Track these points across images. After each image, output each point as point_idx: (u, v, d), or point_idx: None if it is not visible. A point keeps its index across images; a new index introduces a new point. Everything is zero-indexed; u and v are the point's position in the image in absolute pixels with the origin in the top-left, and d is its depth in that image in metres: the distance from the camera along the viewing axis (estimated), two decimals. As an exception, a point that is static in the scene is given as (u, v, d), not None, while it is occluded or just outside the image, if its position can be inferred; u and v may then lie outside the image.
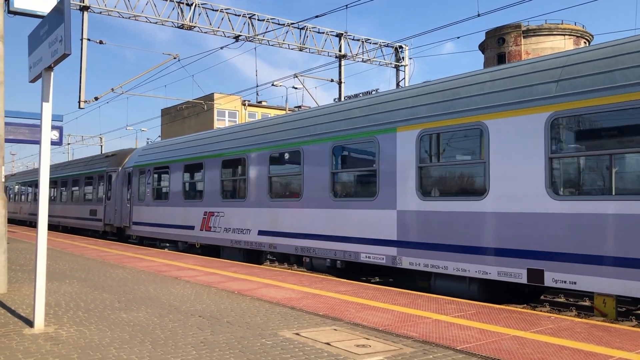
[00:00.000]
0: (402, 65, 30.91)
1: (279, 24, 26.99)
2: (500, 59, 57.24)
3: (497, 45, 59.05)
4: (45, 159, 6.21)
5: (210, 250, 15.67)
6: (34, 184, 34.06)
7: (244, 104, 56.21)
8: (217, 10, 25.46)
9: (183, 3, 24.75)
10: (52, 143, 12.82)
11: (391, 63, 30.90)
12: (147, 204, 18.85)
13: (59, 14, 5.76)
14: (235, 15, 26.03)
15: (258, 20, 26.57)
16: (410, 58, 30.91)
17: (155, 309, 7.17)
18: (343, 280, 10.22)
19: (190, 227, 16.01)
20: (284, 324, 6.33)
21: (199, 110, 45.75)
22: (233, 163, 14.69)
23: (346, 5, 22.03)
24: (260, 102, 55.45)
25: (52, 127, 12.81)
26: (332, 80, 30.02)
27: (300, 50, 28.09)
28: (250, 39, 26.23)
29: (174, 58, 25.70)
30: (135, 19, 24.37)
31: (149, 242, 19.24)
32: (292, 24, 27.31)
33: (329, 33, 28.81)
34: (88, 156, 29.38)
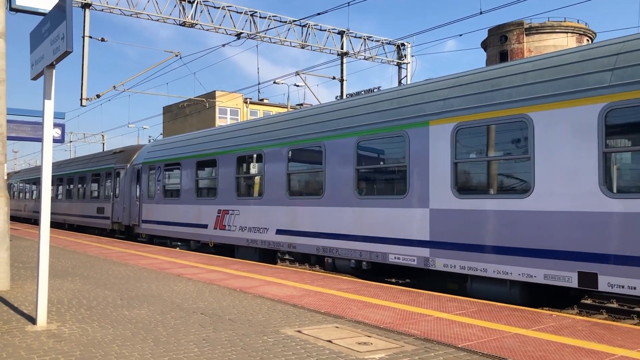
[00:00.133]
0: (404, 63, 30.86)
1: (280, 22, 26.96)
2: (503, 56, 57.11)
3: (499, 43, 58.91)
4: (48, 157, 6.23)
5: (224, 250, 15.26)
6: (37, 182, 34.03)
7: (246, 102, 56.19)
8: (219, 7, 25.44)
9: (185, 0, 24.74)
10: (54, 141, 12.79)
11: (393, 61, 30.85)
12: (157, 201, 18.36)
13: (60, 11, 5.77)
14: (237, 12, 26.01)
15: (260, 17, 26.53)
16: (412, 56, 30.86)
17: (158, 306, 7.18)
18: (344, 278, 10.23)
19: (203, 226, 15.55)
20: (285, 321, 6.34)
21: (200, 108, 45.75)
22: (249, 159, 14.21)
23: (348, 3, 22.00)
24: (262, 99, 55.42)
25: (54, 125, 12.80)
26: (334, 78, 29.99)
27: (302, 47, 28.06)
28: (252, 36, 26.21)
29: (176, 55, 25.70)
30: (137, 17, 24.36)
31: (159, 240, 18.73)
32: (294, 21, 27.28)
33: (331, 30, 28.77)
34: (95, 153, 28.99)
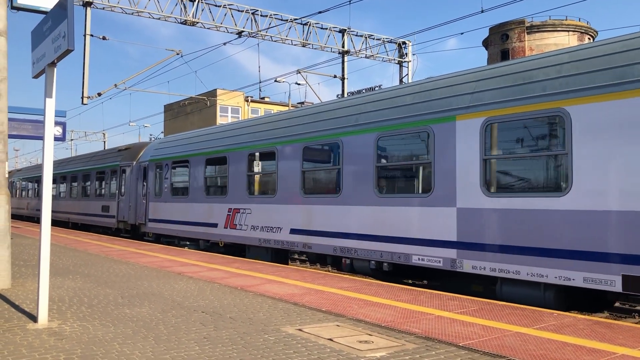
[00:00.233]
0: (405, 62, 30.83)
1: (282, 20, 26.95)
2: (504, 55, 57.08)
3: (500, 41, 58.86)
4: (49, 155, 6.23)
5: (235, 249, 14.87)
6: (40, 180, 33.55)
7: (247, 100, 56.18)
8: (220, 6, 25.42)
9: (186, -1, 24.73)
10: (55, 139, 12.77)
11: (394, 59, 30.83)
12: (164, 199, 17.88)
13: (62, 9, 5.76)
14: (238, 11, 26.00)
15: (261, 16, 26.53)
16: (413, 54, 30.84)
17: (158, 304, 7.19)
18: (345, 277, 10.23)
19: (213, 225, 15.10)
20: (286, 319, 6.34)
21: (201, 106, 45.76)
22: (261, 156, 13.81)
23: (349, 1, 21.98)
24: (263, 98, 55.41)
25: (55, 123, 12.76)
26: (335, 76, 29.98)
27: (303, 46, 28.05)
28: (253, 34, 26.19)
29: (177, 54, 25.71)
30: (138, 15, 24.35)
31: (166, 240, 18.22)
32: (295, 19, 27.26)
33: (332, 29, 28.75)
34: (100, 150, 28.51)
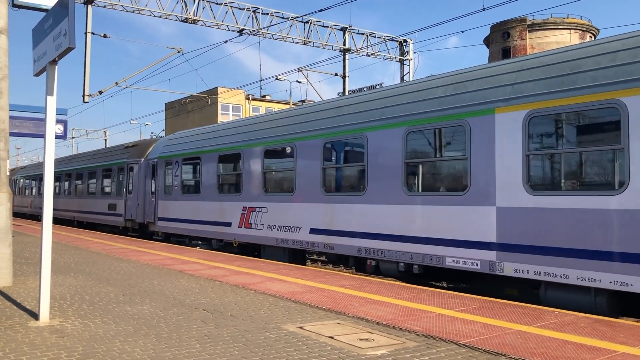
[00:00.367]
0: (406, 59, 30.81)
1: (283, 18, 26.94)
2: (505, 53, 56.98)
3: (502, 39, 58.75)
4: (50, 153, 6.23)
5: (249, 249, 14.39)
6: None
7: (248, 98, 56.16)
8: (221, 4, 25.42)
9: (187, -3, 24.73)
10: (56, 137, 12.74)
11: (395, 57, 30.80)
12: (175, 198, 17.25)
13: (63, 7, 5.76)
14: (240, 9, 25.99)
15: (262, 13, 26.52)
16: (414, 52, 30.83)
17: (160, 302, 7.20)
18: (346, 275, 10.23)
19: (227, 224, 14.54)
20: (287, 317, 6.35)
21: (202, 104, 45.76)
22: (278, 153, 13.26)
23: (350, -1, 21.96)
24: (264, 96, 55.39)
25: (57, 121, 12.72)
26: (336, 75, 29.98)
27: (305, 44, 28.04)
28: (254, 32, 26.18)
29: (178, 52, 25.73)
30: (139, 13, 24.35)
31: (177, 239, 17.63)
32: (296, 17, 27.24)
33: (334, 27, 28.73)
34: (106, 147, 27.95)
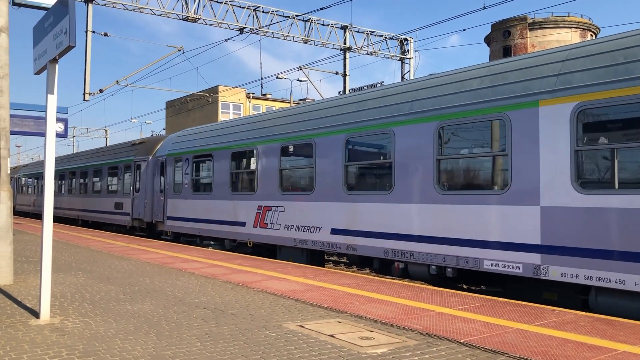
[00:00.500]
0: (407, 58, 30.79)
1: (283, 16, 26.92)
2: (506, 51, 56.91)
3: (502, 37, 58.67)
4: (51, 151, 6.23)
5: (262, 250, 13.98)
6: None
7: (249, 97, 56.17)
8: (222, 2, 25.40)
9: (187, -5, 24.72)
10: (57, 135, 12.74)
11: (396, 56, 30.78)
12: (185, 196, 16.76)
13: (63, 6, 5.76)
14: (240, 7, 25.99)
15: (263, 12, 26.50)
16: (415, 50, 30.81)
17: (160, 300, 7.20)
18: (347, 273, 10.23)
19: (241, 224, 14.04)
20: (288, 316, 6.35)
21: (203, 102, 45.77)
22: (296, 150, 12.68)
23: (351, -2, 21.94)
24: (264, 94, 55.41)
25: (57, 120, 12.72)
26: (336, 73, 29.97)
27: (305, 42, 28.02)
28: (254, 31, 26.17)
29: (179, 50, 25.72)
30: (140, 11, 24.34)
31: (186, 239, 17.14)
32: (296, 16, 27.23)
33: (334, 25, 28.71)
34: (112, 144, 27.41)
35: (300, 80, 36.09)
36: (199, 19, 25.02)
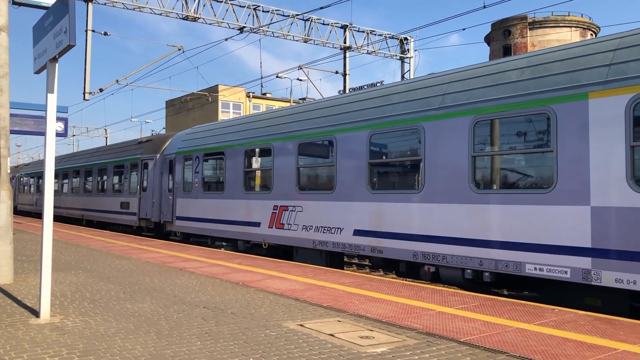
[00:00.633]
0: (407, 57, 30.78)
1: (283, 16, 26.92)
2: (506, 51, 56.91)
3: (502, 37, 58.67)
4: (51, 151, 6.24)
5: (277, 252, 13.48)
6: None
7: (249, 96, 56.18)
8: (222, 1, 25.39)
9: (187, -6, 24.71)
10: (57, 134, 12.71)
11: (396, 55, 30.77)
12: (195, 196, 16.23)
13: (63, 5, 5.76)
14: (240, 6, 25.98)
15: (263, 11, 26.50)
16: (415, 50, 30.80)
17: (160, 299, 7.21)
18: (347, 272, 10.23)
19: (255, 224, 13.57)
20: (288, 315, 6.35)
21: (203, 102, 45.79)
22: (315, 147, 12.21)
23: (351, -3, 21.94)
24: (264, 94, 55.40)
25: (57, 119, 12.67)
26: (336, 72, 29.96)
27: (305, 41, 28.01)
28: (254, 30, 26.16)
29: (179, 50, 25.70)
30: (140, 11, 24.33)
31: (197, 240, 16.66)
32: (296, 15, 27.22)
33: (334, 24, 28.71)
34: (117, 143, 26.70)
35: (300, 80, 36.09)
36: (199, 18, 25.01)
